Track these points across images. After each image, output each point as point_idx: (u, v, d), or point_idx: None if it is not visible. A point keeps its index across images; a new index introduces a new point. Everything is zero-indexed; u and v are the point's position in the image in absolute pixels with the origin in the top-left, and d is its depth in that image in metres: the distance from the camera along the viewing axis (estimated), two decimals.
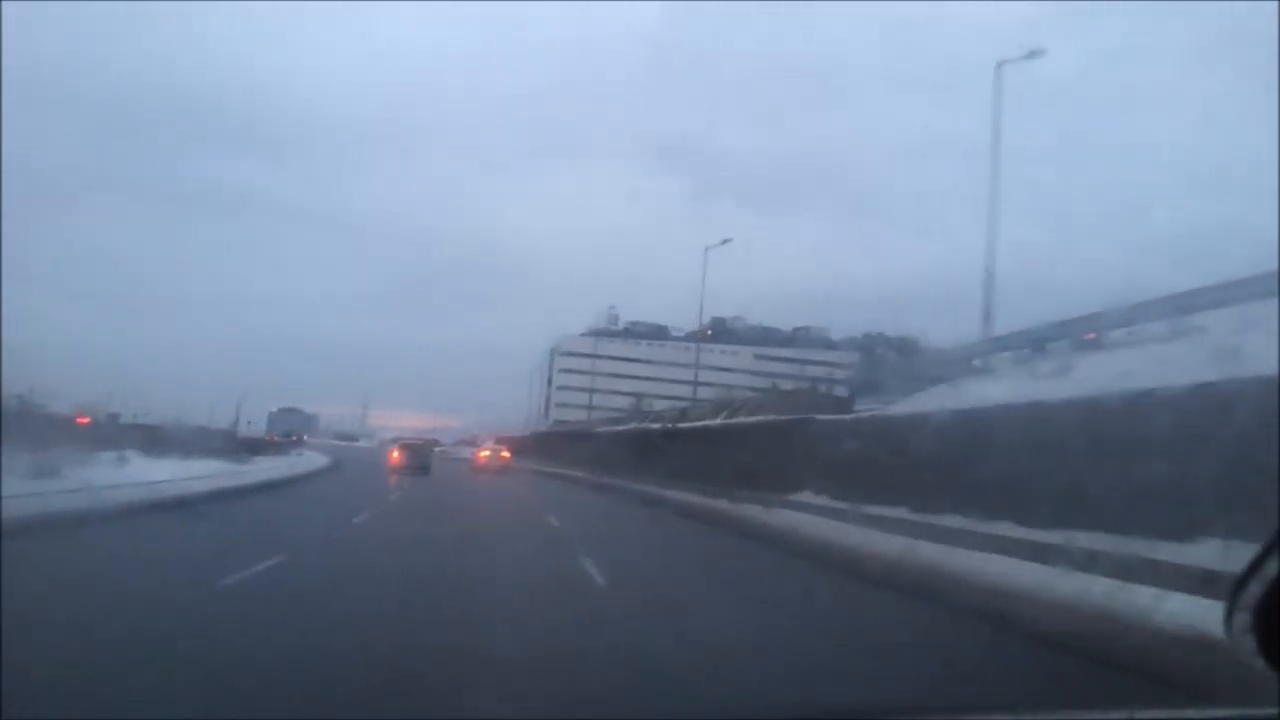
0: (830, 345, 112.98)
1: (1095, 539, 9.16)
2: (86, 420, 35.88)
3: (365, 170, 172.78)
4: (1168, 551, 8.14)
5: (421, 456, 41.16)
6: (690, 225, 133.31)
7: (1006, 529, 10.85)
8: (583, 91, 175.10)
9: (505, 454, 48.99)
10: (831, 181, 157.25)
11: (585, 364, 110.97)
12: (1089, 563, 8.88)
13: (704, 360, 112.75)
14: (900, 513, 13.67)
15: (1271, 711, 1.94)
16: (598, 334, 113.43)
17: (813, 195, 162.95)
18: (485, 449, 49.84)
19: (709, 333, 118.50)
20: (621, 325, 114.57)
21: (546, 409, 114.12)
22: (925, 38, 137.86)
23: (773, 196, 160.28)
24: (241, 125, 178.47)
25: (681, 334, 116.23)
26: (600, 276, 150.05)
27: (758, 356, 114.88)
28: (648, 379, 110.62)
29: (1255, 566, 1.60)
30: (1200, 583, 7.29)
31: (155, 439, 30.04)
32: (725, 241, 47.79)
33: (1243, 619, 1.61)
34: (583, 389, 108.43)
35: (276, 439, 57.52)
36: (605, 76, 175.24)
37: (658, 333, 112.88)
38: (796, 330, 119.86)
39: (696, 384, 60.98)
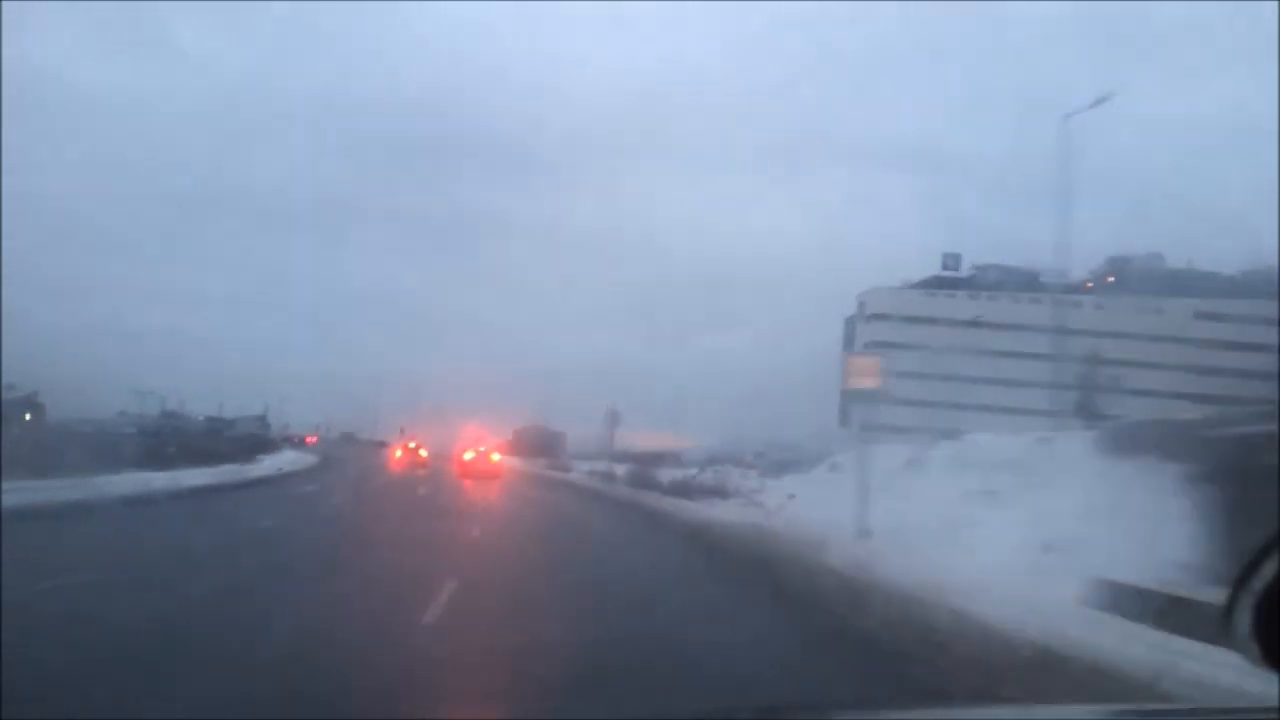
0: None
1: None
2: (314, 439, 57.37)
3: (611, 189, 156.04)
4: None
5: (418, 457, 52.21)
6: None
7: None
8: (816, 94, 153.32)
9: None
10: None
11: (909, 332, 72.40)
12: None
13: (1098, 322, 71.14)
14: None
15: (1272, 713, 1.92)
16: (928, 286, 74.54)
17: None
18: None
19: (1109, 279, 76.16)
20: (966, 270, 74.88)
21: (844, 411, 77.11)
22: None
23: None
24: (490, 150, 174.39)
25: (1063, 283, 74.29)
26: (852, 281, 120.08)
27: (1201, 315, 71.28)
28: (1011, 354, 70.33)
29: (1255, 565, 1.61)
30: None
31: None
32: (1100, 101, 31.78)
33: (1243, 618, 1.61)
34: (908, 373, 69.96)
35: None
36: (840, 78, 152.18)
37: (1026, 281, 72.21)
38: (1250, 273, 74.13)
39: None
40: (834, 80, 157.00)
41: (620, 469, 41.36)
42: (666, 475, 37.77)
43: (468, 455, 45.90)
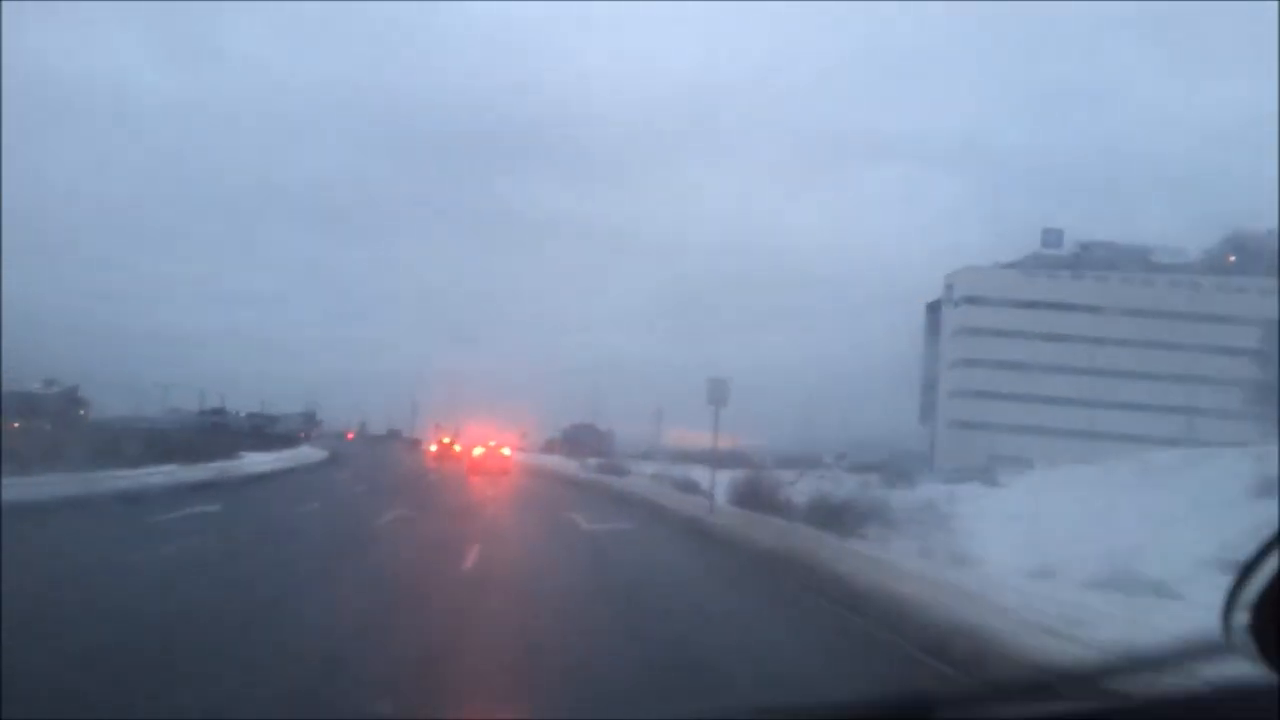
0: None
1: None
2: (352, 435, 68.82)
3: (664, 185, 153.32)
4: None
5: (447, 454, 52.09)
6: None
7: None
8: (873, 85, 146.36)
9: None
10: None
11: (1009, 317, 64.78)
12: None
13: (1224, 307, 63.12)
14: None
15: (1272, 705, 1.77)
16: (1027, 266, 66.95)
17: None
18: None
19: (1229, 259, 68.10)
20: (1068, 249, 67.19)
21: (926, 407, 69.64)
22: None
23: None
24: (537, 147, 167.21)
25: (1181, 261, 66.62)
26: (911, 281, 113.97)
27: None
28: (1121, 343, 62.48)
29: (1254, 564, 1.57)
30: None
31: None
32: None
33: (1241, 618, 1.57)
34: (1005, 363, 62.69)
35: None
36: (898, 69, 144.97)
37: (1138, 260, 64.46)
38: None
39: None
40: (892, 72, 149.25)
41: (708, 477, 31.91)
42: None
43: (477, 451, 45.19)
